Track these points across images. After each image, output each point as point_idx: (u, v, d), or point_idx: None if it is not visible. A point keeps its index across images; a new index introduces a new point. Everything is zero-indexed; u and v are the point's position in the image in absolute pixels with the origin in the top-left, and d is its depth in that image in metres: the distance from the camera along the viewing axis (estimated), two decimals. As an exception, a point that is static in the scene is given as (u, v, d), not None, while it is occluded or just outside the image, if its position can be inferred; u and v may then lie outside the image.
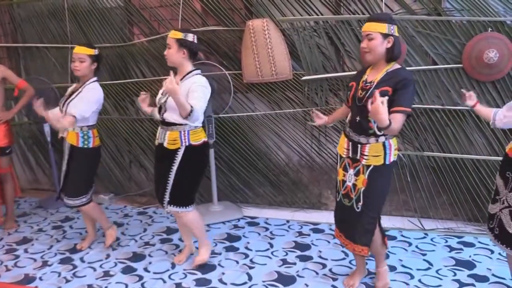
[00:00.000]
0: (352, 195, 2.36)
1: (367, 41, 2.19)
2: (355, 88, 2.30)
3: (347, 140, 2.36)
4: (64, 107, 2.97)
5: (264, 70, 3.55)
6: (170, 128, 2.69)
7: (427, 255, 2.98)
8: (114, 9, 4.14)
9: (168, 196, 2.74)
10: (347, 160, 2.38)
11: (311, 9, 3.49)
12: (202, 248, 2.97)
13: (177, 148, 2.68)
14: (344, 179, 2.41)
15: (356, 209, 2.34)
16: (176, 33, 2.67)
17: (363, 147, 2.27)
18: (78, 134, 3.00)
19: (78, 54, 2.96)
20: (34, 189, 4.84)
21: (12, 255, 3.23)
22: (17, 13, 4.50)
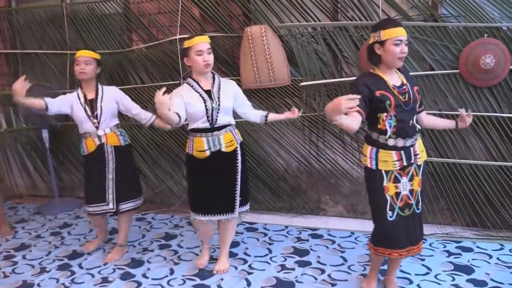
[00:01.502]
0: (410, 202, 2.32)
1: (405, 47, 2.21)
2: (393, 96, 2.21)
3: (396, 151, 2.26)
4: (98, 111, 2.95)
5: (262, 76, 3.57)
6: (224, 131, 2.70)
7: (425, 260, 2.98)
8: (113, 16, 4.16)
9: (239, 197, 2.76)
10: (397, 171, 2.28)
11: (309, 16, 3.52)
12: (225, 256, 2.97)
13: (235, 148, 2.72)
14: (397, 191, 2.29)
15: (417, 211, 2.35)
16: (208, 38, 2.67)
17: (414, 148, 2.31)
18: (116, 133, 3.04)
19: (85, 57, 2.96)
20: (32, 195, 4.83)
21: (10, 262, 3.22)
22: (16, 19, 4.52)
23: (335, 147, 3.70)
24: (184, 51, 2.67)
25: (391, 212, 2.29)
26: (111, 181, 3.00)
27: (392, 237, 2.32)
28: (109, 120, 3.03)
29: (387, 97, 2.20)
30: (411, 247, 2.37)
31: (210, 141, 2.68)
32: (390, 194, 2.29)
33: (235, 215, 2.79)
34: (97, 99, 3.00)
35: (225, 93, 2.72)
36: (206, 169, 2.72)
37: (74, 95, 3.03)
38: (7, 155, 4.79)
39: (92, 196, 3.03)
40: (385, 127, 2.24)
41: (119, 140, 3.04)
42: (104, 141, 2.99)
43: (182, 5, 3.82)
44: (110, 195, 3.00)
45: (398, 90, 2.24)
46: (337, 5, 3.51)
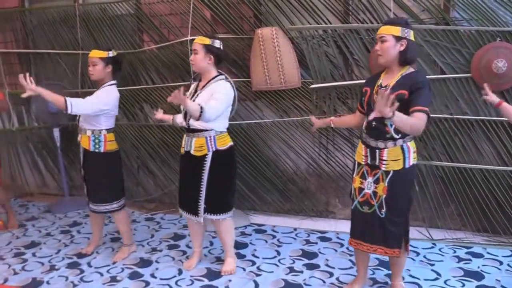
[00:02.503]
0: (372, 202, 2.34)
1: (380, 44, 2.21)
2: (369, 93, 2.31)
3: (365, 146, 2.35)
4: (78, 116, 3.01)
5: (273, 78, 3.57)
6: (196, 135, 2.71)
7: (435, 265, 2.95)
8: (124, 17, 4.20)
9: (203, 204, 2.75)
10: (366, 168, 2.36)
11: (320, 18, 3.52)
12: (231, 258, 2.98)
13: (205, 154, 2.71)
14: (361, 187, 2.38)
15: (379, 215, 2.32)
16: (204, 39, 2.69)
17: (382, 152, 2.27)
18: (89, 137, 2.98)
19: (91, 58, 2.98)
20: (42, 193, 4.87)
21: (20, 259, 3.25)
22: (29, 19, 4.57)
23: (344, 149, 3.69)
24: None
25: (352, 202, 2.46)
26: (83, 178, 3.13)
27: (351, 225, 2.51)
28: (87, 122, 2.98)
29: (365, 92, 2.36)
30: (361, 242, 2.44)
31: (187, 140, 2.78)
32: (355, 186, 2.43)
33: (199, 219, 2.80)
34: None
35: (202, 97, 2.67)
36: (181, 166, 2.90)
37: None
38: (19, 153, 4.85)
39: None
40: (364, 121, 2.39)
41: (89, 144, 2.98)
42: (80, 140, 3.04)
43: (194, 7, 3.83)
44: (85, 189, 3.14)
45: (378, 89, 2.26)
46: (348, 8, 3.50)
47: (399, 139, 2.24)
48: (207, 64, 2.71)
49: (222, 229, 2.87)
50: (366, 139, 2.34)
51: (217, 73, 2.76)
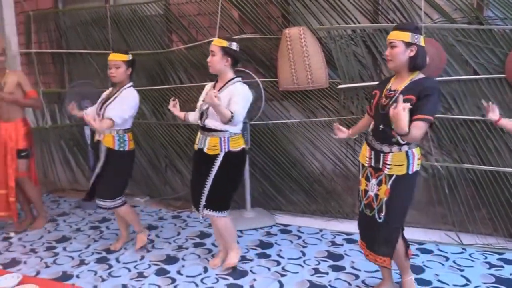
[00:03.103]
0: (374, 205, 2.33)
1: (390, 49, 2.21)
2: (378, 96, 2.30)
3: (369, 149, 2.35)
4: (101, 111, 3.07)
5: (300, 78, 3.56)
6: (211, 134, 2.74)
7: (465, 271, 2.88)
8: (154, 17, 4.27)
9: (204, 200, 2.79)
10: (369, 170, 2.37)
11: (349, 18, 3.48)
12: (232, 252, 2.99)
13: (217, 154, 2.74)
14: (366, 189, 2.39)
15: (378, 219, 2.31)
16: (221, 41, 2.71)
17: (386, 156, 2.26)
18: (114, 137, 3.08)
19: (113, 61, 3.05)
20: (73, 189, 5.00)
21: (51, 252, 3.35)
22: (63, 20, 4.71)
23: (372, 151, 3.64)
24: None
25: (359, 204, 2.47)
26: (95, 175, 3.18)
27: (359, 226, 2.54)
28: None
29: (374, 96, 2.35)
30: (362, 242, 2.50)
31: (201, 138, 2.82)
32: (361, 188, 2.45)
33: (199, 214, 2.85)
34: (107, 100, 3.09)
35: (221, 98, 2.65)
36: (193, 161, 2.98)
37: (108, 91, 3.23)
38: (51, 150, 5.00)
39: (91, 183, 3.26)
40: (371, 123, 2.42)
41: (114, 143, 3.07)
42: (101, 139, 3.11)
43: (222, 7, 3.86)
44: (91, 185, 3.21)
45: (387, 93, 2.25)
46: (378, 7, 3.46)
47: (404, 144, 2.22)
48: (224, 66, 2.72)
49: (220, 226, 2.88)
50: (371, 142, 2.34)
51: (233, 75, 2.78)
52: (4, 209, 3.72)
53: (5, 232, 3.78)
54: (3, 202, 3.70)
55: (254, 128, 3.89)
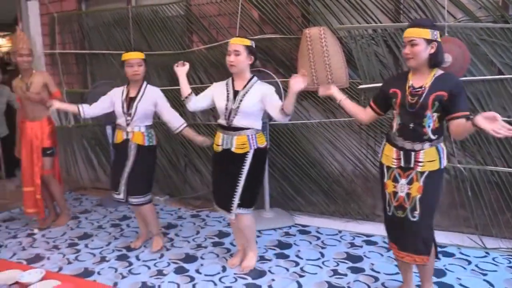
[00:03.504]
0: (406, 205, 2.27)
1: (410, 47, 2.17)
2: (401, 95, 2.25)
3: (397, 149, 2.30)
4: (132, 110, 3.11)
5: (320, 78, 3.54)
6: (238, 133, 2.75)
7: (488, 275, 2.82)
8: (175, 18, 4.31)
9: (238, 199, 2.78)
10: (397, 171, 2.31)
11: (370, 17, 3.45)
12: (251, 253, 3.00)
13: (246, 152, 2.75)
14: (395, 191, 2.31)
15: (411, 219, 2.25)
16: (245, 40, 2.73)
17: (417, 154, 2.22)
18: (143, 133, 3.16)
19: (137, 59, 3.10)
20: (95, 188, 5.09)
21: (74, 249, 3.42)
22: (86, 22, 4.80)
23: (393, 152, 3.59)
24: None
25: (388, 208, 2.37)
26: (126, 174, 3.17)
27: (388, 230, 2.44)
28: (141, 120, 3.16)
29: (395, 95, 2.28)
30: (393, 245, 2.40)
31: (225, 138, 2.79)
32: (389, 191, 2.35)
33: (231, 216, 2.82)
34: (135, 99, 3.13)
35: (250, 97, 2.72)
36: (217, 163, 2.92)
37: (119, 90, 3.24)
38: (74, 149, 5.10)
39: (112, 183, 3.29)
40: (394, 123, 2.33)
41: (144, 139, 3.16)
42: (130, 137, 3.15)
43: (242, 7, 3.87)
44: (123, 186, 3.18)
45: (411, 91, 2.21)
46: (400, 6, 3.41)
47: (435, 139, 2.21)
48: (247, 65, 2.75)
49: (247, 224, 2.89)
50: (398, 142, 2.28)
51: (250, 74, 2.81)
52: (32, 206, 3.82)
53: (29, 229, 3.88)
54: (31, 199, 3.80)
55: (273, 128, 3.89)
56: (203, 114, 4.30)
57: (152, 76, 4.40)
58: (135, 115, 3.11)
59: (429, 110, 2.17)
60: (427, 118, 2.18)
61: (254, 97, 2.72)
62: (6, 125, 5.18)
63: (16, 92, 3.77)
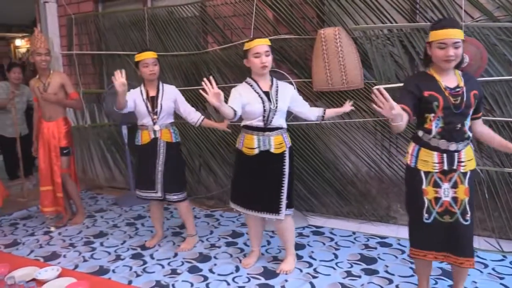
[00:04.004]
0: (454, 209, 2.20)
1: (454, 49, 2.09)
2: (443, 98, 2.14)
3: (438, 153, 2.20)
4: (157, 108, 3.15)
5: (335, 78, 3.53)
6: (275, 133, 2.77)
7: (505, 279, 2.76)
8: (190, 19, 4.33)
9: (285, 199, 2.78)
10: (437, 175, 2.21)
11: (385, 17, 3.42)
12: (291, 257, 3.00)
13: (284, 151, 2.78)
14: (437, 196, 2.22)
15: (464, 223, 2.20)
16: (268, 40, 2.75)
17: (460, 154, 2.19)
18: (170, 131, 3.23)
19: (151, 59, 3.15)
20: (111, 187, 5.15)
21: (89, 247, 3.46)
22: (102, 23, 4.85)
23: (408, 153, 3.55)
24: (244, 53, 2.77)
25: (427, 215, 2.24)
26: (160, 173, 3.20)
27: (427, 238, 2.27)
28: (166, 117, 3.23)
29: (435, 98, 2.15)
30: (449, 254, 2.26)
31: (261, 140, 2.76)
32: (429, 197, 2.23)
33: (281, 217, 2.80)
34: (158, 97, 3.19)
35: (282, 96, 2.78)
36: (252, 166, 2.82)
37: (137, 91, 3.24)
38: (90, 149, 5.16)
39: (142, 183, 3.28)
40: (431, 126, 2.20)
41: (171, 137, 3.24)
42: (159, 135, 3.19)
43: (256, 8, 3.88)
44: (159, 184, 3.21)
45: (450, 92, 2.15)
46: (416, 6, 3.38)
47: (470, 137, 2.22)
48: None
49: (288, 225, 2.89)
50: (441, 145, 2.19)
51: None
52: (51, 205, 3.89)
53: (46, 227, 3.94)
54: (50, 198, 3.87)
55: (288, 128, 3.86)
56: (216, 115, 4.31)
57: (167, 77, 4.43)
58: (160, 113, 3.16)
59: (472, 108, 2.18)
60: (469, 116, 2.19)
61: (287, 96, 2.79)
62: (26, 124, 5.28)
63: (33, 92, 3.84)
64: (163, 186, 3.21)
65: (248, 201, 2.86)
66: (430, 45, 2.17)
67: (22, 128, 5.20)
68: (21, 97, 5.18)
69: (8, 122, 5.13)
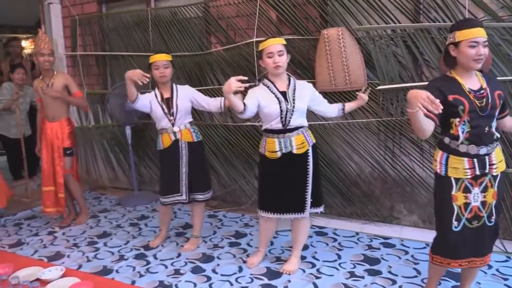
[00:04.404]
0: (481, 214, 2.19)
1: (483, 48, 2.07)
2: (468, 102, 2.11)
3: (469, 159, 2.15)
4: (173, 109, 3.15)
5: (338, 79, 3.52)
6: (296, 133, 2.76)
7: (509, 280, 2.75)
8: (193, 19, 4.34)
9: (310, 198, 2.79)
10: (468, 181, 2.17)
11: (389, 17, 3.41)
12: (295, 258, 3.00)
13: (307, 150, 2.77)
14: (467, 202, 2.18)
15: (488, 224, 2.20)
16: (282, 40, 2.75)
17: (490, 157, 2.17)
18: (190, 130, 3.23)
19: (163, 61, 3.14)
20: (114, 187, 5.17)
21: (93, 247, 3.47)
22: (106, 24, 4.87)
23: (412, 153, 3.55)
24: (259, 54, 2.79)
25: (456, 223, 2.18)
26: (184, 174, 3.18)
27: (454, 247, 2.22)
28: (184, 117, 3.22)
29: (460, 101, 2.11)
30: (473, 259, 2.24)
31: (282, 142, 2.75)
32: (458, 204, 2.18)
33: (306, 215, 2.82)
34: (172, 98, 3.19)
35: (300, 95, 2.76)
36: (277, 169, 2.80)
37: (152, 95, 3.23)
38: (94, 149, 5.18)
39: (168, 188, 3.23)
40: (458, 132, 2.15)
41: (192, 136, 3.23)
42: (179, 137, 3.18)
43: (260, 8, 3.88)
44: (183, 186, 3.19)
45: (474, 95, 2.12)
46: (419, 6, 3.37)
47: (498, 138, 2.19)
48: (286, 64, 2.77)
49: (306, 225, 2.92)
50: (471, 150, 2.14)
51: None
52: (52, 205, 3.90)
53: (50, 227, 3.95)
54: (51, 198, 3.89)
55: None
56: (220, 115, 4.32)
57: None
58: (177, 114, 3.16)
59: (498, 109, 2.16)
60: (495, 118, 2.17)
61: (305, 94, 2.78)
62: (29, 125, 5.30)
63: (37, 92, 3.85)
64: (188, 187, 3.19)
65: (276, 206, 2.84)
66: (456, 46, 2.12)
67: (26, 128, 5.21)
68: (25, 98, 5.20)
69: (13, 123, 5.15)
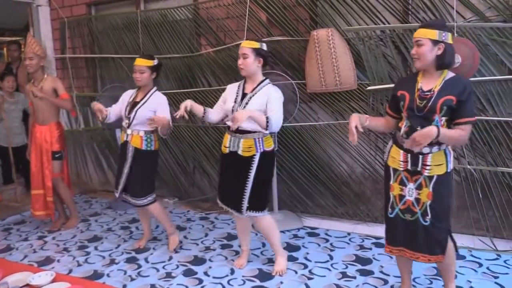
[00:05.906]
0: (415, 209, 2.27)
1: (416, 48, 2.17)
2: (409, 98, 2.23)
3: (404, 152, 2.27)
4: (132, 114, 3.15)
5: (328, 79, 3.53)
6: (245, 136, 2.76)
7: (499, 278, 2.78)
8: (183, 21, 4.33)
9: (246, 202, 2.79)
10: (404, 174, 2.29)
11: (378, 18, 3.43)
12: (280, 257, 3.00)
13: (253, 155, 2.76)
14: (401, 194, 2.31)
15: (423, 223, 2.25)
16: (253, 43, 2.74)
17: (425, 157, 2.21)
18: (142, 137, 3.19)
19: (138, 66, 3.15)
20: (105, 190, 5.13)
21: (83, 252, 3.44)
22: (95, 26, 4.84)
23: (402, 153, 3.56)
24: None
25: (391, 210, 2.37)
26: (125, 175, 3.23)
27: (390, 233, 2.42)
28: (140, 125, 3.18)
29: (404, 97, 2.26)
30: (403, 248, 2.36)
31: (232, 140, 2.81)
32: (394, 194, 2.34)
33: (243, 216, 2.85)
34: (139, 103, 3.17)
35: (256, 100, 2.74)
36: (224, 164, 2.95)
37: (130, 93, 3.31)
38: (84, 152, 5.14)
39: (115, 181, 3.35)
40: (402, 125, 2.29)
41: (141, 143, 3.19)
42: (129, 139, 3.20)
43: (250, 10, 3.88)
44: (120, 185, 3.26)
45: (420, 93, 2.20)
46: (408, 7, 3.39)
47: (443, 143, 2.20)
48: (256, 68, 2.76)
49: (264, 226, 2.89)
50: (404, 143, 2.25)
51: (262, 77, 2.82)
52: (41, 208, 3.87)
53: (40, 231, 3.91)
54: (40, 202, 3.85)
55: (282, 130, 3.88)
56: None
57: (161, 80, 4.42)
58: (133, 120, 3.15)
59: (437, 114, 2.16)
60: (435, 122, 2.16)
61: (261, 100, 2.73)
62: (25, 133, 4.92)
63: (28, 96, 3.82)
64: (124, 187, 3.25)
65: (221, 196, 2.97)
66: None
67: (21, 137, 4.97)
68: (16, 105, 5.05)
69: (5, 131, 4.97)
